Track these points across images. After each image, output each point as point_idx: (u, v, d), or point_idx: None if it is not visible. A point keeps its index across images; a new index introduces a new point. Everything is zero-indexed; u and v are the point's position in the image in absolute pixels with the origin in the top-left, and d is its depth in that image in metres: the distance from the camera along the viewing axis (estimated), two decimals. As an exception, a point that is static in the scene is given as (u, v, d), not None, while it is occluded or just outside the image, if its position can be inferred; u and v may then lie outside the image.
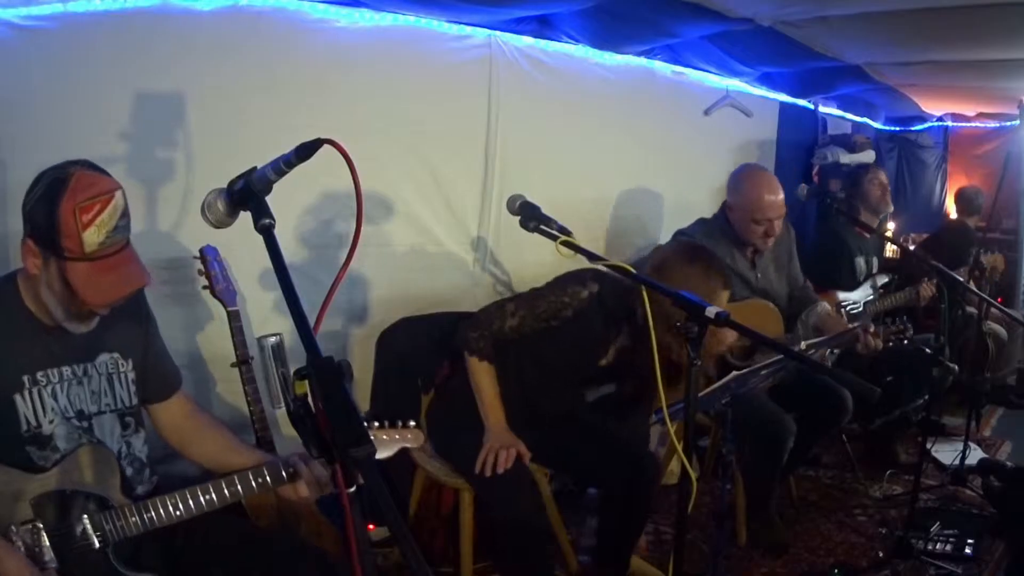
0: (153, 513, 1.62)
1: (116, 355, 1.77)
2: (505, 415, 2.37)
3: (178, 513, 1.64)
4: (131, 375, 1.79)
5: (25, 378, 1.62)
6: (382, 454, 1.89)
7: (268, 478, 1.73)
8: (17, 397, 1.61)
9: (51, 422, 1.64)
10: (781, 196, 3.03)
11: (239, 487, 1.70)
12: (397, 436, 1.92)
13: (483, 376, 2.37)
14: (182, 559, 1.75)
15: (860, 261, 3.87)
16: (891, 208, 4.14)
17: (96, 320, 1.69)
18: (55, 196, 1.54)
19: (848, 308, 3.59)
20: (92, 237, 1.55)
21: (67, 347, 1.68)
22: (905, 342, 3.04)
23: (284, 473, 1.74)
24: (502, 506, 2.28)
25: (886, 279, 3.93)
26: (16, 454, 1.61)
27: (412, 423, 1.95)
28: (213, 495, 1.68)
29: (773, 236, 3.04)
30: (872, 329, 2.94)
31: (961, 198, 5.39)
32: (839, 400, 3.03)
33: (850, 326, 3.02)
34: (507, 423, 2.35)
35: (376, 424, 1.90)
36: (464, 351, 2.39)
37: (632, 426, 2.61)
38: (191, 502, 1.66)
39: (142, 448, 1.82)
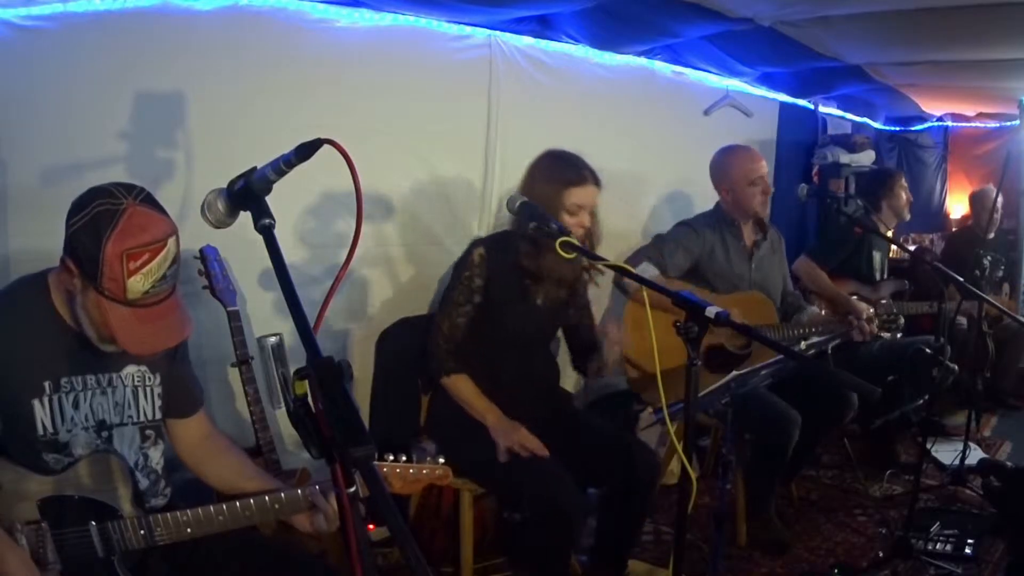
0: (163, 529, 1.57)
1: (144, 368, 1.72)
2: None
3: (189, 531, 1.59)
4: (157, 389, 1.75)
5: (47, 384, 1.58)
6: (408, 490, 1.80)
7: (285, 505, 1.67)
8: (36, 403, 1.57)
9: (69, 431, 1.61)
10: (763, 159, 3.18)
11: (255, 511, 1.64)
12: (425, 472, 1.81)
13: (461, 387, 2.41)
14: (188, 566, 1.73)
15: (878, 257, 3.87)
16: (909, 216, 4.14)
17: None
18: (102, 232, 1.44)
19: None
20: (136, 286, 1.48)
21: (94, 356, 1.62)
22: (900, 335, 3.06)
23: (303, 504, 1.68)
24: (530, 504, 2.26)
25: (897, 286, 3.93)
26: (30, 455, 1.58)
27: (441, 459, 1.83)
28: (227, 517, 1.61)
29: (769, 195, 3.13)
30: (864, 316, 2.99)
31: (971, 201, 5.37)
32: (843, 398, 3.04)
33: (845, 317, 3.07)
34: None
35: (404, 459, 1.78)
36: (438, 380, 2.43)
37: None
38: (204, 522, 1.60)
39: (159, 460, 1.78)
